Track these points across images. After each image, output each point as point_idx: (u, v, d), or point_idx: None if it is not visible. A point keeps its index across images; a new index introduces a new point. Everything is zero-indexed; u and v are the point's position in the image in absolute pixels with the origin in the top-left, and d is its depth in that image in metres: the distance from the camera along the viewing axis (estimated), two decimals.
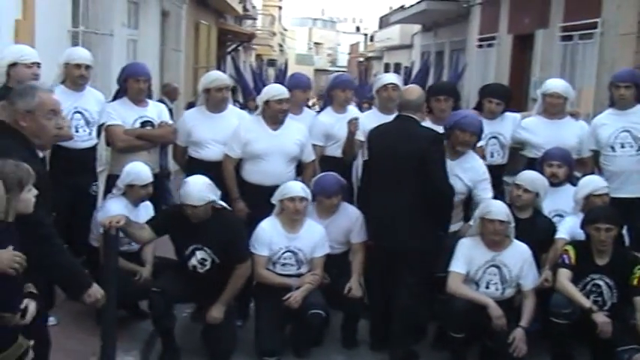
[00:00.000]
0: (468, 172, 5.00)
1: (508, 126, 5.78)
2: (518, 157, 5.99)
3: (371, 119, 5.54)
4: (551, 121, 5.66)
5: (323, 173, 5.24)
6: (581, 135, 5.61)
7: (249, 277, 4.85)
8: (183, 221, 4.66)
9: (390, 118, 5.20)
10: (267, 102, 5.26)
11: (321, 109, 5.93)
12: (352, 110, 5.92)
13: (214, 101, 5.46)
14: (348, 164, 5.70)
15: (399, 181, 4.76)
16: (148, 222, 4.79)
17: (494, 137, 5.73)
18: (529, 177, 5.08)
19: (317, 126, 5.65)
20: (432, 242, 4.79)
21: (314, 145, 5.54)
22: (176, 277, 4.74)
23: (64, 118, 3.30)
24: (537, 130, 5.68)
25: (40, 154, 3.34)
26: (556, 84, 5.85)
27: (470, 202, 5.15)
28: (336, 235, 5.11)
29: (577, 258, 4.65)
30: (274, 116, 5.26)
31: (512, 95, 6.03)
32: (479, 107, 5.86)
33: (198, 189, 4.60)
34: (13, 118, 3.21)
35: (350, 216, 5.12)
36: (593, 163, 5.64)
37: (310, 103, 9.44)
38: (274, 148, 5.24)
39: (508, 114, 5.88)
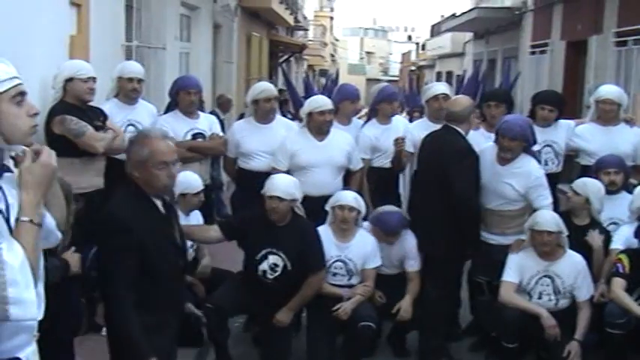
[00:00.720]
0: (517, 177, 4.85)
1: (562, 133, 5.68)
2: (573, 164, 5.90)
3: (421, 128, 5.57)
4: (606, 128, 5.56)
5: (388, 209, 5.07)
6: (636, 142, 5.50)
7: None
8: (260, 223, 4.65)
9: (439, 127, 5.21)
10: (309, 114, 5.27)
11: (366, 122, 5.90)
12: (397, 120, 5.93)
13: (263, 112, 5.50)
14: (395, 175, 5.74)
15: (430, 191, 4.89)
16: (219, 224, 4.85)
17: (549, 145, 5.64)
18: (581, 180, 5.05)
19: (363, 139, 5.64)
20: (456, 252, 4.90)
21: (362, 159, 5.54)
22: (232, 290, 4.73)
23: (174, 164, 3.15)
24: (591, 138, 5.59)
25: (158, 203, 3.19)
26: (609, 90, 5.74)
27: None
28: (391, 259, 5.04)
29: (631, 266, 4.55)
30: (318, 127, 5.28)
31: (565, 102, 5.92)
32: (532, 115, 5.80)
33: (286, 183, 4.64)
34: (129, 170, 3.14)
35: (405, 243, 5.02)
36: None
37: (363, 113, 9.44)
38: (321, 158, 5.25)
39: (562, 121, 5.78)
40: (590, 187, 4.98)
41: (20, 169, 2.03)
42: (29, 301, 1.91)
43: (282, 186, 4.60)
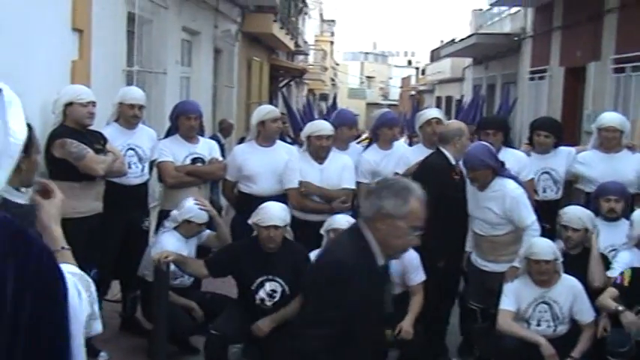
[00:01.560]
0: (495, 200, 4.87)
1: (562, 160, 5.72)
2: (573, 190, 5.90)
3: (417, 153, 5.62)
4: (608, 155, 5.60)
5: None
6: (639, 168, 5.51)
7: None
8: (251, 252, 4.68)
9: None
10: (308, 137, 5.37)
11: (367, 147, 5.94)
12: (398, 146, 5.97)
13: (269, 133, 5.53)
14: None
15: None
16: (206, 261, 4.80)
17: (546, 172, 5.67)
18: (574, 215, 4.97)
19: (363, 164, 5.68)
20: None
21: (360, 183, 5.56)
22: (234, 317, 4.71)
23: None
24: (593, 164, 5.62)
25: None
26: (611, 117, 5.78)
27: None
28: (394, 276, 4.92)
29: (631, 280, 4.55)
30: (315, 152, 5.34)
31: (561, 128, 5.97)
32: (530, 142, 5.83)
33: (279, 210, 4.68)
34: (369, 216, 2.77)
35: (404, 257, 5.00)
36: None
37: (364, 137, 9.50)
38: (318, 182, 5.31)
39: (562, 148, 5.82)
40: (585, 218, 4.97)
41: (45, 204, 2.12)
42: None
43: (276, 214, 4.63)
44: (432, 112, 5.87)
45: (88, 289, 1.92)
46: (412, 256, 4.92)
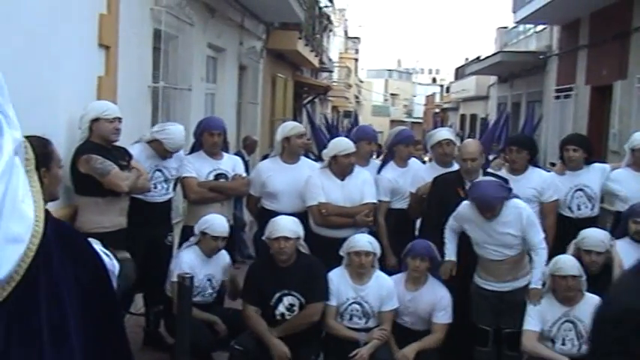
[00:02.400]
0: (511, 224, 4.82)
1: (595, 177, 5.69)
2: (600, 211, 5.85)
3: (429, 172, 5.71)
4: None
5: (418, 239, 5.22)
6: None
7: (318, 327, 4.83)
8: (266, 269, 4.75)
9: (447, 170, 5.56)
10: (334, 157, 5.36)
11: (383, 164, 5.95)
12: (415, 163, 6.02)
13: (294, 149, 5.57)
14: (412, 218, 5.84)
15: None
16: (244, 298, 4.85)
17: (580, 190, 5.64)
18: (596, 239, 4.91)
19: (382, 182, 5.72)
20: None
21: (381, 201, 5.60)
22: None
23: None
24: (625, 183, 5.60)
25: None
26: None
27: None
28: (421, 310, 4.94)
29: None
30: (343, 169, 5.36)
31: (590, 143, 5.93)
32: (562, 159, 5.81)
33: (289, 222, 4.75)
34: None
35: (436, 291, 4.95)
36: None
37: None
38: (341, 198, 5.33)
39: (596, 165, 5.81)
40: (606, 240, 4.93)
41: None
42: None
43: (286, 226, 4.70)
44: (442, 134, 5.86)
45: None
46: (443, 295, 4.91)
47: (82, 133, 4.82)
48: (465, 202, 4.93)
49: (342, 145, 5.44)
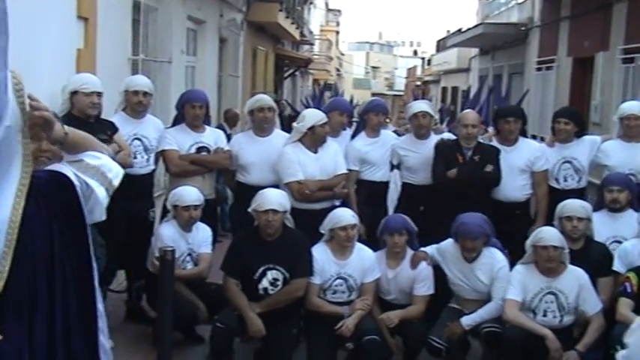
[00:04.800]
0: (482, 270, 4.81)
1: (584, 149, 5.72)
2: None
3: (406, 144, 5.81)
4: (629, 144, 5.61)
5: (392, 214, 5.26)
6: None
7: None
8: (251, 242, 4.72)
9: (424, 142, 5.69)
10: (312, 127, 5.33)
11: (355, 133, 5.96)
12: (386, 134, 6.05)
13: (258, 122, 5.54)
14: (384, 189, 5.90)
15: None
16: (226, 271, 4.79)
17: (568, 162, 5.69)
18: (576, 204, 4.95)
19: (352, 151, 5.75)
20: None
21: (350, 170, 5.62)
22: None
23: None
24: (612, 153, 5.64)
25: None
26: (631, 105, 5.81)
27: None
28: (404, 285, 4.94)
29: (639, 285, 4.51)
30: (320, 140, 5.35)
31: (582, 117, 5.96)
32: (553, 132, 5.85)
33: (278, 195, 4.73)
34: None
35: (417, 267, 4.95)
36: None
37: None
38: (316, 171, 5.32)
39: (586, 137, 5.85)
40: (588, 207, 4.98)
41: None
42: None
43: (274, 199, 4.67)
44: (419, 106, 5.90)
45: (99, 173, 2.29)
46: (423, 267, 4.92)
47: (63, 105, 4.76)
48: (450, 240, 4.94)
49: (318, 115, 5.44)
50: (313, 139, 5.33)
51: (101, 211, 2.24)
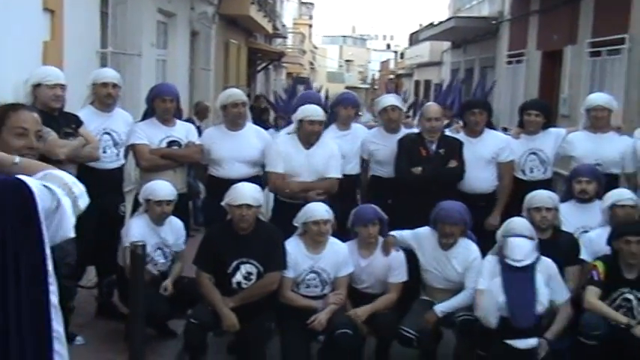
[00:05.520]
0: (457, 258, 4.86)
1: (550, 141, 5.79)
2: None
3: (375, 137, 5.85)
4: (595, 135, 5.67)
5: (362, 205, 5.30)
6: (624, 150, 5.56)
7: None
8: (225, 236, 4.70)
9: (394, 136, 5.71)
10: (300, 121, 5.34)
11: (326, 126, 5.97)
12: (357, 128, 6.04)
13: (231, 117, 5.52)
14: (353, 182, 5.87)
15: None
16: (198, 265, 4.76)
17: (534, 153, 5.76)
18: (544, 195, 5.00)
19: None
20: None
21: None
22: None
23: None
24: (578, 144, 5.70)
25: None
26: (598, 97, 5.89)
27: None
28: (378, 273, 4.95)
29: (606, 273, 4.58)
30: (306, 137, 5.33)
31: (551, 109, 6.02)
32: (521, 124, 5.90)
33: (252, 189, 4.69)
34: None
35: (391, 255, 4.97)
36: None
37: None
38: (304, 167, 5.31)
39: (551, 129, 5.92)
40: (555, 197, 5.04)
41: None
42: None
43: (248, 193, 4.65)
44: (388, 100, 5.92)
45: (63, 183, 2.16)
46: (399, 255, 4.94)
47: (25, 99, 4.68)
48: (427, 227, 4.98)
49: (308, 110, 5.38)
50: (303, 134, 5.33)
51: (69, 226, 2.13)
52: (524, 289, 4.47)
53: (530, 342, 4.42)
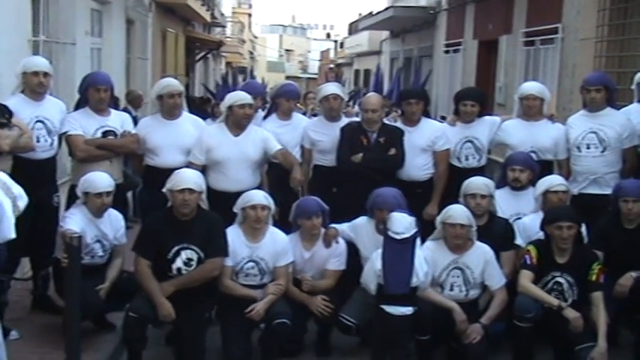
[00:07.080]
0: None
1: (485, 129, 5.88)
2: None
3: (316, 126, 5.92)
4: (529, 123, 5.77)
5: (304, 197, 5.34)
6: (557, 137, 5.69)
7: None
8: (165, 222, 4.67)
9: (335, 124, 5.77)
10: (230, 107, 5.32)
11: (266, 115, 6.04)
12: (298, 118, 6.13)
13: (167, 108, 5.49)
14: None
15: None
16: (138, 251, 4.70)
17: (469, 141, 5.85)
18: (479, 182, 5.11)
19: None
20: None
21: None
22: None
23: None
24: (513, 132, 5.80)
25: None
26: (531, 86, 6.01)
27: None
28: (321, 263, 5.04)
29: (539, 257, 4.71)
30: (237, 121, 5.32)
31: (486, 98, 6.13)
32: (456, 113, 5.98)
33: (194, 175, 4.73)
34: None
35: (333, 245, 5.05)
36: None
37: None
38: (235, 154, 5.28)
39: (487, 118, 6.01)
40: (490, 184, 5.14)
41: None
42: None
43: (190, 178, 4.66)
44: (329, 89, 5.97)
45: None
46: (339, 245, 5.03)
47: None
48: (364, 217, 5.06)
49: (237, 96, 5.46)
50: (233, 121, 5.33)
51: (9, 226, 2.07)
52: (400, 260, 4.50)
53: (403, 310, 4.48)
